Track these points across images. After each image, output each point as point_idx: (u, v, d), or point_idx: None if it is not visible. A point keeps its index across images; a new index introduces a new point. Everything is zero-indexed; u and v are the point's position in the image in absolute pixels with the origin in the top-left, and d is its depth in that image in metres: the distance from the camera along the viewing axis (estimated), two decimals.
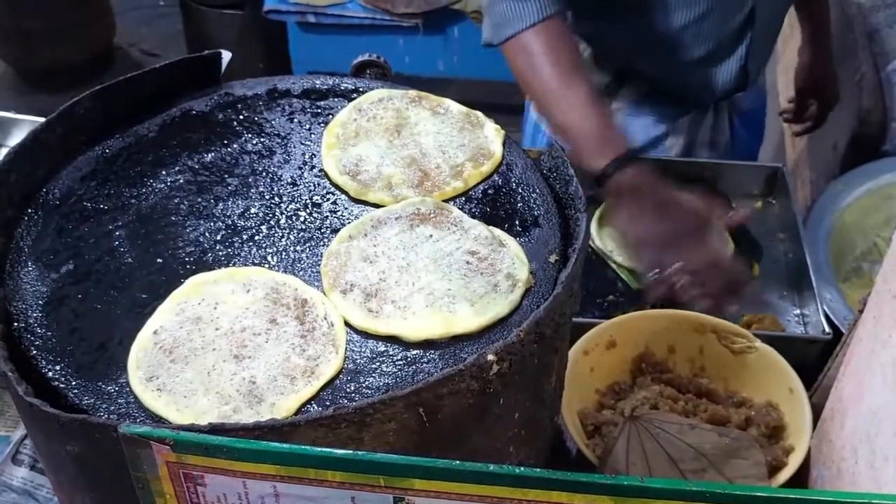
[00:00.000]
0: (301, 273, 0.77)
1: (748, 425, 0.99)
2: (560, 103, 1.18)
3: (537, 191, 0.85)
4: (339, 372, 0.69)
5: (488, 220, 0.82)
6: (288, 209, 0.83)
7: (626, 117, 1.47)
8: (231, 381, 0.68)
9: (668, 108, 1.48)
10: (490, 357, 0.64)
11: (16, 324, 0.72)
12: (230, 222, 0.81)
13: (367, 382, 0.69)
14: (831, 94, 1.67)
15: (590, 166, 1.14)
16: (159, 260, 0.78)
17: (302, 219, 0.82)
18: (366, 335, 0.72)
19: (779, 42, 2.10)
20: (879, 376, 0.77)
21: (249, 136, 0.90)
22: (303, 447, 0.55)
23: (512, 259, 0.77)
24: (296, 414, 0.66)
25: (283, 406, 0.66)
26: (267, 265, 0.77)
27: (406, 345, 0.71)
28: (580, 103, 1.16)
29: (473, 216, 0.82)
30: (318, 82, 0.96)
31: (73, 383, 0.68)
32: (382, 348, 0.71)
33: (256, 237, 0.80)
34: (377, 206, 0.83)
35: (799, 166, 1.98)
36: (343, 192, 0.85)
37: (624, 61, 1.44)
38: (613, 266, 1.26)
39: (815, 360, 1.09)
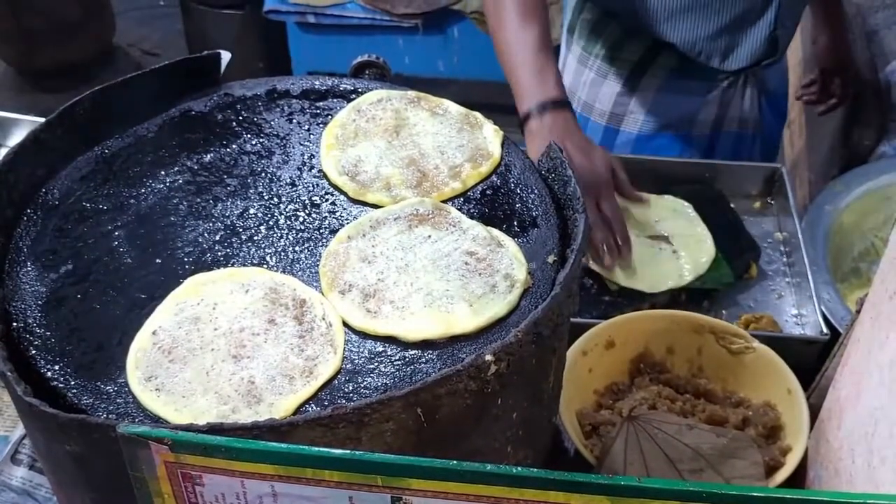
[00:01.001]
0: (300, 273, 0.77)
1: (746, 425, 0.99)
2: (509, 47, 1.25)
3: (536, 191, 0.85)
4: (338, 372, 0.69)
5: (487, 220, 0.82)
6: (287, 210, 0.83)
7: (657, 95, 1.48)
8: (230, 381, 0.68)
9: (697, 82, 1.48)
10: (488, 357, 0.64)
11: (15, 324, 0.72)
12: (229, 223, 0.81)
13: (365, 382, 0.69)
14: (854, 70, 1.69)
15: (518, 108, 1.23)
16: (158, 260, 0.78)
17: (301, 219, 0.82)
18: (364, 335, 0.72)
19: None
20: (877, 377, 0.77)
21: (248, 136, 0.90)
22: (301, 447, 0.55)
23: (510, 260, 0.77)
24: (294, 414, 0.66)
25: (281, 406, 0.66)
26: (266, 265, 0.78)
27: (404, 345, 0.71)
28: (525, 48, 1.23)
29: (472, 217, 0.82)
30: (317, 83, 0.97)
31: (72, 383, 0.68)
32: (381, 348, 0.71)
33: (255, 237, 0.80)
34: (376, 206, 0.84)
35: (797, 167, 1.99)
36: (342, 192, 0.85)
37: (654, 33, 1.44)
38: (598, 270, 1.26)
39: (812, 360, 1.09)
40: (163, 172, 0.86)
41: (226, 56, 0.95)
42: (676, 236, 1.28)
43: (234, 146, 0.89)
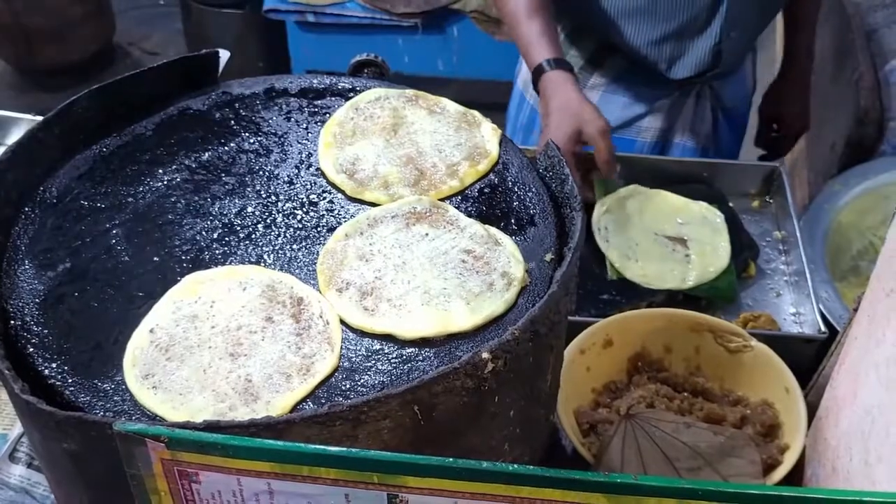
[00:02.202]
0: (297, 271, 0.77)
1: (744, 424, 0.99)
2: (520, 38, 1.39)
3: (533, 190, 0.85)
4: (335, 370, 0.69)
5: (484, 218, 0.82)
6: (284, 208, 0.83)
7: (604, 95, 1.49)
8: (227, 378, 0.68)
9: (646, 88, 1.49)
10: (485, 355, 0.64)
11: (12, 322, 0.72)
12: (227, 221, 0.81)
13: (362, 380, 0.69)
14: (799, 124, 1.65)
15: (530, 69, 1.35)
16: (156, 258, 0.78)
17: (298, 217, 0.82)
18: (361, 333, 0.72)
19: (778, 42, 2.10)
20: (873, 375, 0.77)
21: (246, 135, 0.90)
22: (297, 444, 0.55)
23: (507, 258, 0.77)
24: (291, 412, 0.66)
25: (278, 404, 0.66)
26: (263, 263, 0.78)
27: (401, 343, 0.71)
28: (530, 34, 1.36)
29: (469, 215, 0.82)
30: (315, 81, 0.97)
31: (70, 381, 0.68)
32: (378, 346, 0.71)
33: (253, 236, 0.80)
34: (374, 204, 0.84)
35: (797, 166, 1.99)
36: (340, 190, 0.85)
37: (602, 34, 1.45)
38: (602, 248, 1.26)
39: (811, 359, 1.09)
40: (161, 171, 0.86)
41: (224, 55, 0.95)
42: (695, 241, 1.28)
43: (232, 144, 0.89)
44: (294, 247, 0.79)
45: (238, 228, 0.81)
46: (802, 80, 1.63)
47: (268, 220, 0.81)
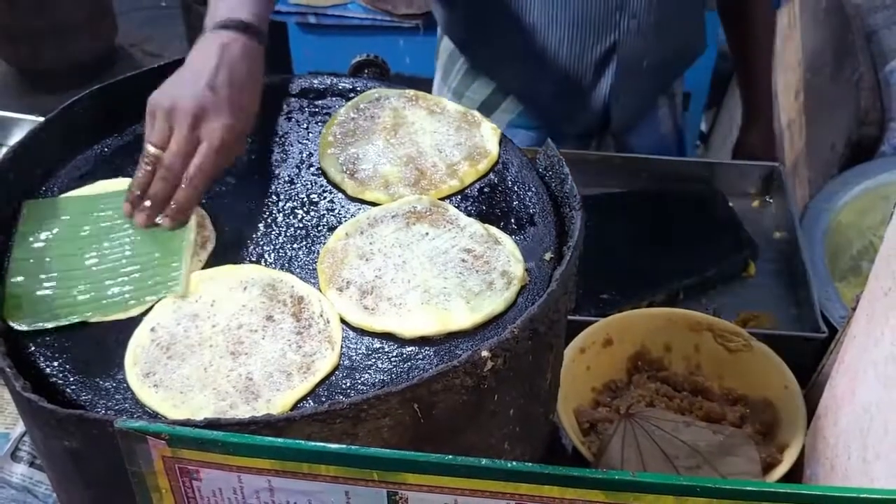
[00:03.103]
0: (298, 270, 0.77)
1: (743, 423, 0.99)
2: None
3: (533, 189, 0.85)
4: (335, 368, 0.70)
5: (484, 218, 0.83)
6: (285, 207, 0.83)
7: (507, 125, 1.45)
8: (228, 377, 0.68)
9: (545, 129, 1.43)
10: (484, 353, 0.64)
11: None
12: (227, 220, 0.81)
13: (362, 379, 0.69)
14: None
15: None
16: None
17: (299, 217, 0.82)
18: (361, 332, 0.73)
19: (777, 42, 2.10)
20: (872, 373, 0.78)
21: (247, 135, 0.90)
22: (297, 442, 0.56)
23: (507, 257, 0.77)
24: (291, 410, 0.67)
25: (279, 402, 0.67)
26: (264, 262, 0.78)
27: (401, 341, 0.72)
28: None
29: (469, 214, 0.83)
30: (315, 81, 0.97)
31: (71, 379, 0.68)
32: (378, 345, 0.72)
33: (254, 235, 0.80)
34: (374, 204, 0.84)
35: (797, 165, 1.99)
36: (340, 190, 0.85)
37: (494, 76, 1.41)
38: None
39: (810, 358, 1.09)
40: None
41: None
42: None
43: None
44: (294, 246, 0.80)
45: (239, 227, 0.81)
46: (769, 126, 1.58)
47: (268, 220, 0.82)
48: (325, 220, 0.82)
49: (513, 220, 0.83)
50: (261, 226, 0.81)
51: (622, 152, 1.47)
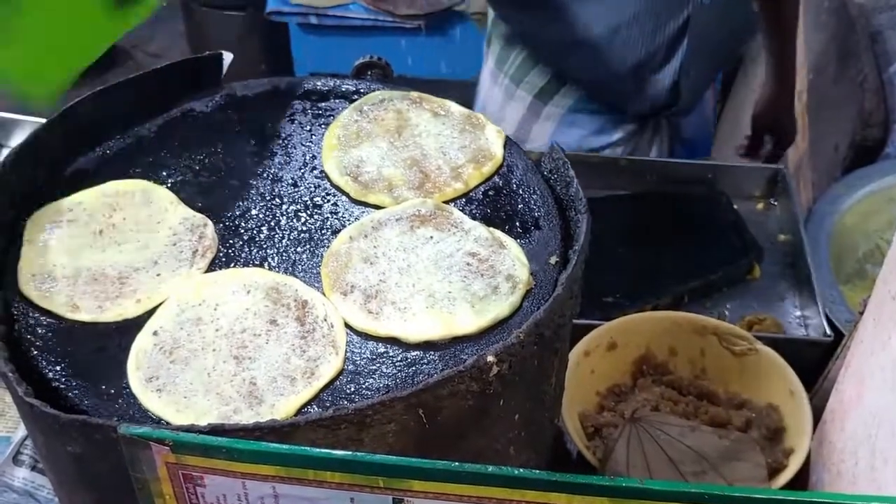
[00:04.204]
0: (301, 274, 0.77)
1: (749, 427, 0.99)
2: None
3: (538, 192, 0.85)
4: (339, 373, 0.69)
5: (489, 221, 0.82)
6: (288, 210, 0.83)
7: (559, 127, 1.46)
8: (231, 382, 0.68)
9: (604, 118, 1.46)
10: (490, 358, 0.64)
11: (16, 325, 0.72)
12: (230, 223, 0.81)
13: (366, 384, 0.69)
14: (788, 132, 1.65)
15: None
16: None
17: (302, 220, 0.82)
18: (366, 336, 0.72)
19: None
20: (879, 378, 0.77)
21: (250, 137, 0.90)
22: (302, 448, 0.55)
23: (512, 261, 0.77)
24: (296, 415, 0.66)
25: (283, 407, 0.66)
26: (267, 266, 0.77)
27: (406, 346, 0.71)
28: None
29: (474, 218, 0.82)
30: (318, 83, 0.96)
31: (74, 384, 0.68)
32: (382, 350, 0.71)
33: (257, 238, 0.80)
34: (378, 207, 0.83)
35: (801, 168, 1.98)
36: (344, 193, 0.85)
37: (558, 63, 1.42)
38: None
39: (816, 362, 1.09)
40: (164, 173, 0.86)
41: (227, 57, 0.95)
42: None
43: (235, 147, 0.89)
44: (298, 249, 0.79)
45: (242, 231, 0.81)
46: (789, 91, 1.62)
47: (272, 223, 0.81)
48: (328, 223, 0.82)
49: (518, 224, 0.82)
50: (264, 229, 0.81)
51: (673, 136, 1.47)
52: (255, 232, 0.80)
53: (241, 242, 0.80)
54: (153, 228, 0.80)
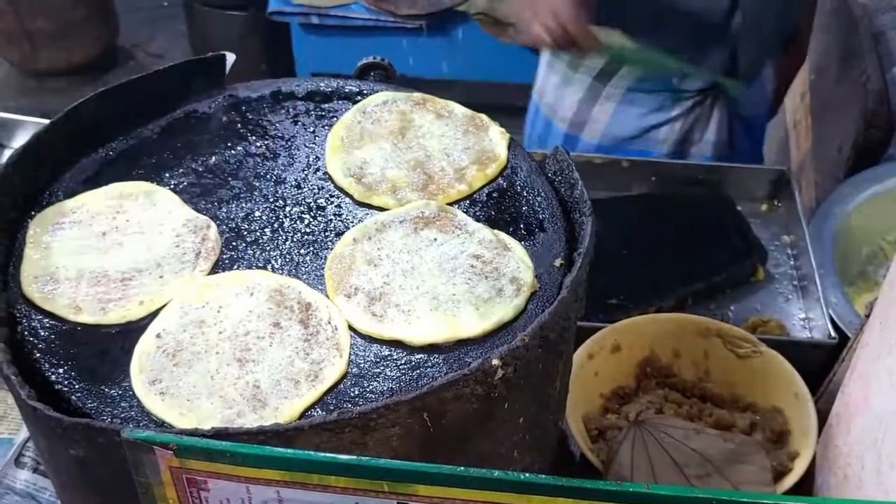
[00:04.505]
0: (305, 276, 0.77)
1: (753, 430, 0.98)
2: None
3: (542, 194, 0.85)
4: (343, 376, 0.69)
5: (493, 223, 0.82)
6: (292, 212, 0.82)
7: (618, 106, 1.48)
8: (235, 385, 0.67)
9: (663, 95, 1.48)
10: (495, 362, 0.63)
11: (19, 327, 0.71)
12: (234, 225, 0.81)
13: (371, 387, 0.68)
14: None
15: None
16: None
17: (306, 222, 0.82)
18: (370, 339, 0.72)
19: None
20: (886, 382, 0.77)
21: (253, 138, 0.89)
22: (307, 452, 0.55)
23: (517, 263, 0.77)
24: (300, 418, 0.66)
25: (286, 410, 0.66)
26: (271, 268, 0.77)
27: (410, 349, 0.71)
28: None
29: (478, 220, 0.82)
30: (322, 84, 0.96)
31: (76, 387, 0.67)
32: (386, 352, 0.71)
33: (260, 240, 0.80)
34: (381, 209, 0.83)
35: (804, 169, 1.98)
36: (347, 195, 0.84)
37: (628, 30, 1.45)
38: None
39: (820, 364, 1.08)
40: (167, 175, 0.85)
41: (230, 58, 0.95)
42: None
43: (238, 148, 0.88)
44: (302, 251, 0.79)
45: (245, 233, 0.80)
46: (803, 55, 1.64)
47: (275, 225, 0.81)
48: (332, 225, 0.82)
49: (522, 226, 0.82)
50: (267, 231, 0.80)
51: (732, 114, 1.49)
52: (258, 234, 0.80)
53: (244, 244, 0.79)
54: (156, 230, 0.79)
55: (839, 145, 1.70)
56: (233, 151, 0.88)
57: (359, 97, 0.94)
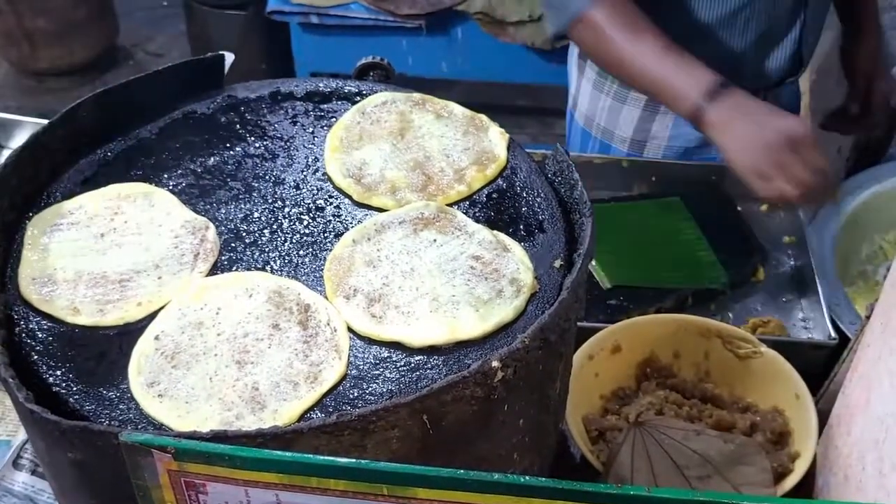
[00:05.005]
0: (304, 278, 0.76)
1: (754, 431, 0.98)
2: (634, 61, 1.22)
3: (542, 195, 0.84)
4: (343, 378, 0.69)
5: (492, 224, 0.81)
6: (291, 213, 0.82)
7: (678, 117, 1.45)
8: (233, 387, 0.67)
9: None
10: (495, 364, 0.63)
11: (17, 329, 0.71)
12: (232, 226, 0.80)
13: (370, 389, 0.68)
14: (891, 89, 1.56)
15: (679, 110, 1.19)
16: None
17: (305, 223, 0.81)
18: (369, 341, 0.71)
19: None
20: (888, 382, 0.77)
21: (252, 139, 0.89)
22: (305, 455, 0.54)
23: (517, 264, 0.76)
24: (299, 420, 0.65)
25: (285, 413, 0.66)
26: (270, 270, 0.77)
27: (410, 351, 0.70)
28: (652, 53, 1.20)
29: (478, 220, 0.82)
30: (321, 85, 0.96)
31: (74, 389, 0.67)
32: (386, 354, 0.70)
33: (259, 241, 0.79)
34: (381, 210, 0.83)
35: None
36: (346, 195, 0.84)
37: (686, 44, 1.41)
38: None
39: (820, 364, 1.08)
40: (166, 175, 0.85)
41: (229, 58, 0.95)
42: None
43: (237, 149, 0.88)
44: (301, 253, 0.79)
45: (244, 234, 0.80)
46: (879, 35, 1.56)
47: (274, 226, 0.81)
48: (331, 226, 0.81)
49: (521, 227, 0.82)
50: (266, 232, 0.80)
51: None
52: (257, 235, 0.80)
53: (242, 246, 0.79)
54: (155, 231, 0.79)
55: (839, 146, 1.70)
56: (231, 152, 0.88)
57: (358, 98, 0.94)
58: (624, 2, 1.24)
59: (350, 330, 0.72)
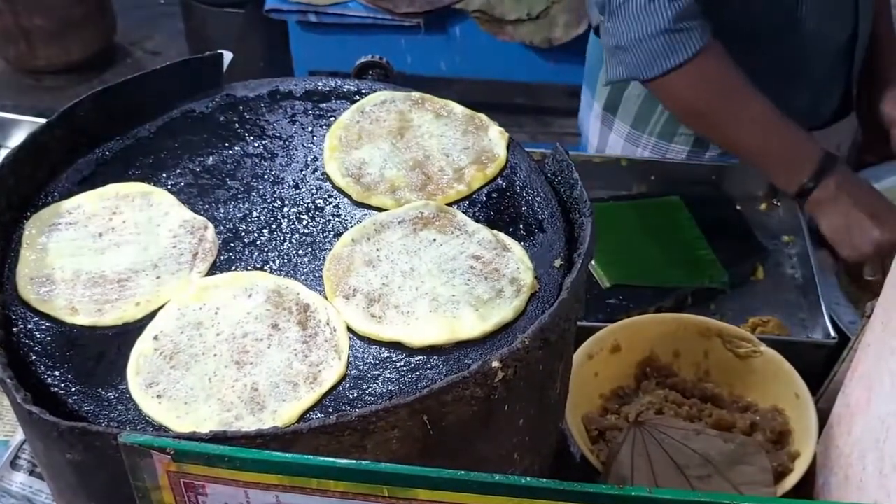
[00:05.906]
0: (303, 278, 0.76)
1: (754, 430, 0.98)
2: (739, 127, 1.19)
3: (542, 194, 0.84)
4: (342, 378, 0.68)
5: (492, 223, 0.81)
6: (290, 213, 0.82)
7: (690, 153, 1.45)
8: (232, 387, 0.67)
9: None
10: (495, 364, 0.63)
11: (15, 329, 0.71)
12: (231, 226, 0.80)
13: (370, 389, 0.68)
14: None
15: (785, 186, 1.18)
16: None
17: (304, 222, 0.81)
18: (369, 341, 0.71)
19: None
20: (888, 382, 0.76)
21: (251, 138, 0.89)
22: (305, 457, 0.54)
23: (516, 264, 0.76)
24: (298, 421, 0.65)
25: (285, 413, 0.65)
26: (269, 269, 0.77)
27: (409, 351, 0.70)
28: (760, 122, 1.17)
29: (477, 220, 0.81)
30: (320, 84, 0.95)
31: (73, 389, 0.67)
32: (385, 354, 0.70)
33: (258, 241, 0.79)
34: (380, 209, 0.83)
35: None
36: (346, 195, 0.84)
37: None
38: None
39: (820, 364, 1.08)
40: (164, 175, 0.85)
41: (227, 56, 0.94)
42: None
43: (236, 148, 0.88)
44: (300, 252, 0.78)
45: (243, 234, 0.80)
46: None
47: (273, 226, 0.80)
48: (330, 225, 0.81)
49: (521, 227, 0.81)
50: (265, 231, 0.80)
51: None
52: (256, 235, 0.80)
53: (241, 245, 0.79)
54: (153, 231, 0.79)
55: (838, 144, 1.70)
56: (230, 151, 0.87)
57: (357, 97, 0.94)
58: (726, 58, 1.18)
59: (350, 330, 0.72)
